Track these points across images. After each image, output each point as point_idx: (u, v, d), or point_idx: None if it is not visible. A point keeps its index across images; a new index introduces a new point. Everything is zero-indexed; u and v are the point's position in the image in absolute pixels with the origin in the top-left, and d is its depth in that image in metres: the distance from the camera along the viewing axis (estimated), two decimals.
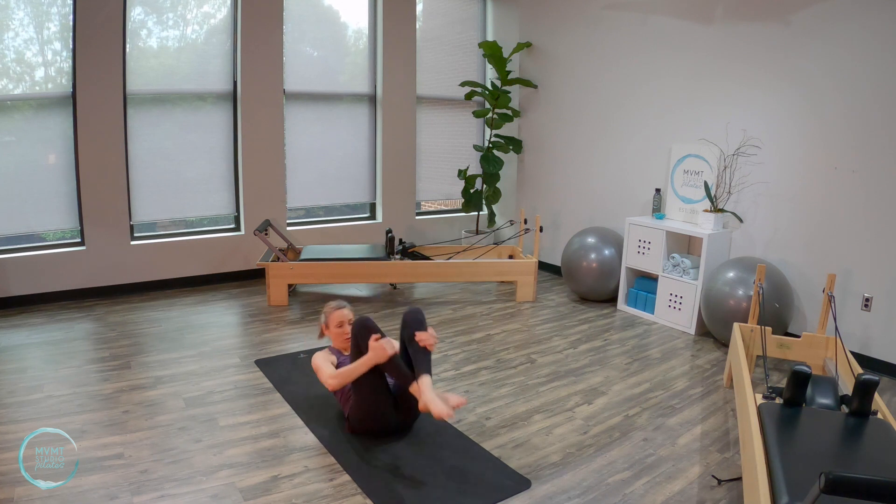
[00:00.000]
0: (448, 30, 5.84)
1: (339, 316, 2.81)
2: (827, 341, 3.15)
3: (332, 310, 2.84)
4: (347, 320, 2.80)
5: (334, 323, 2.80)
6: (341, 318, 2.80)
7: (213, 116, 4.80)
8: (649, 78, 4.67)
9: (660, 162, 4.64)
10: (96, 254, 4.42)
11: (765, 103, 3.96)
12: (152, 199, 4.65)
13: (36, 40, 4.08)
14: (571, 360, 3.60)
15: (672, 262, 4.31)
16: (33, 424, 2.59)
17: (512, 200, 6.09)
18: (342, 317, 2.81)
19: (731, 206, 4.16)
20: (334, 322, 2.80)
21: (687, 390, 3.24)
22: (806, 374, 2.20)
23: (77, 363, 3.30)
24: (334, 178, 5.45)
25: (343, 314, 2.81)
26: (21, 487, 2.15)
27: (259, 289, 4.81)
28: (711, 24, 4.22)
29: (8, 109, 4.07)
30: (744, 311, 3.62)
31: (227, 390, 3.04)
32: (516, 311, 4.52)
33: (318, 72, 5.21)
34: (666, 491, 2.31)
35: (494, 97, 5.45)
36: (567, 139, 5.44)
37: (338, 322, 2.79)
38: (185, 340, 3.69)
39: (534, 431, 2.74)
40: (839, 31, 3.56)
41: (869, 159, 3.50)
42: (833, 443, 2.06)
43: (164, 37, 4.55)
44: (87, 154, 4.26)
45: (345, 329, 2.78)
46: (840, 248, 3.67)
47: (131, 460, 2.37)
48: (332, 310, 2.84)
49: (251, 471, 2.34)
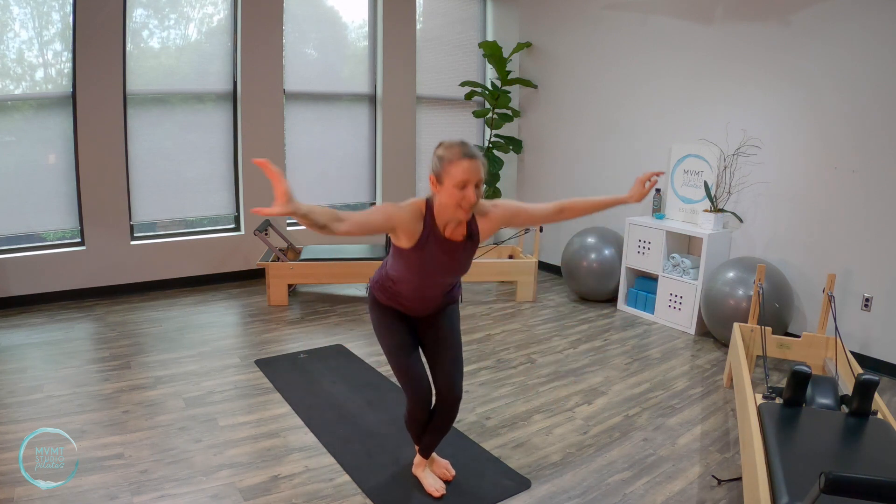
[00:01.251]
0: (448, 30, 5.84)
1: (466, 172, 1.78)
2: (827, 341, 3.15)
3: (457, 157, 1.78)
4: (475, 181, 1.80)
5: (454, 180, 1.78)
6: (467, 178, 1.78)
7: (213, 116, 4.80)
8: (649, 78, 4.67)
9: (660, 162, 4.64)
10: (96, 254, 4.42)
11: (765, 103, 3.96)
12: (152, 199, 4.65)
13: (36, 40, 4.07)
14: (571, 360, 3.60)
15: (672, 262, 4.31)
16: (33, 424, 2.59)
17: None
18: (470, 175, 1.78)
19: (731, 206, 4.15)
20: (454, 178, 1.78)
21: (687, 390, 3.24)
22: (806, 374, 2.20)
23: (77, 363, 3.30)
24: (334, 178, 5.45)
25: (473, 170, 1.79)
26: (21, 487, 2.15)
27: (259, 289, 4.81)
28: (711, 24, 4.22)
29: (8, 109, 4.07)
30: (744, 311, 3.62)
31: (227, 390, 3.04)
32: (516, 311, 4.52)
33: (318, 72, 5.21)
34: (666, 491, 2.31)
35: (494, 97, 5.45)
36: (567, 139, 5.44)
37: (461, 180, 1.78)
38: (185, 340, 3.69)
39: (534, 431, 2.74)
40: (839, 31, 3.56)
41: (869, 159, 3.50)
42: (833, 443, 2.06)
43: (165, 37, 4.55)
44: (87, 154, 4.26)
45: (468, 194, 1.79)
46: (840, 248, 3.67)
47: (131, 460, 2.37)
48: (457, 157, 1.78)
49: (251, 471, 2.34)
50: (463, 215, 1.84)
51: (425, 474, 2.30)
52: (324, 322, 4.12)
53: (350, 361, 3.46)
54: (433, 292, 2.06)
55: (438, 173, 1.82)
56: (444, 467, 2.35)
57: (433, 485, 2.26)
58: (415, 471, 2.34)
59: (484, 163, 1.83)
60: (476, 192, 1.81)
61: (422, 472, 2.31)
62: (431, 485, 2.26)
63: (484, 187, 1.86)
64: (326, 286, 4.94)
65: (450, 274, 2.02)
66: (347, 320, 4.17)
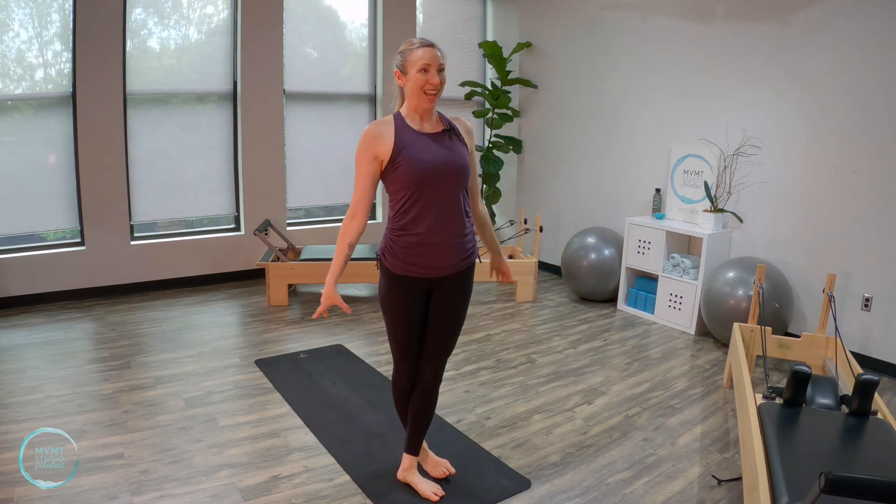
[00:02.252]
0: (448, 30, 5.83)
1: (424, 56, 1.88)
2: (827, 341, 3.15)
3: (415, 47, 1.90)
4: (436, 65, 1.90)
5: (415, 65, 1.88)
6: (426, 60, 1.88)
7: (213, 116, 4.80)
8: (649, 78, 4.67)
9: (660, 162, 4.64)
10: (96, 254, 4.42)
11: (765, 103, 3.96)
12: (152, 199, 4.65)
13: (36, 40, 4.08)
14: (571, 360, 3.60)
15: (672, 262, 4.31)
16: (33, 424, 2.59)
17: (512, 200, 6.08)
18: (428, 57, 1.88)
19: (731, 206, 4.15)
20: (415, 64, 1.88)
21: (687, 390, 3.24)
22: (806, 374, 2.20)
23: (77, 363, 3.30)
24: (334, 178, 5.45)
25: (430, 53, 1.89)
26: (21, 487, 2.15)
27: (259, 289, 4.81)
28: (711, 24, 4.22)
29: (8, 109, 4.07)
30: (744, 311, 3.62)
31: (227, 390, 3.04)
32: (516, 311, 4.52)
33: (318, 72, 5.21)
34: (666, 491, 2.31)
35: (494, 97, 5.45)
36: (567, 139, 5.44)
37: (422, 65, 1.87)
38: (185, 340, 3.69)
39: (534, 431, 2.74)
40: (839, 31, 3.56)
41: (869, 159, 3.50)
42: (833, 443, 2.06)
43: (164, 37, 4.55)
44: (87, 154, 4.26)
45: (431, 77, 1.89)
46: (840, 248, 3.67)
47: (131, 460, 2.37)
48: (415, 47, 1.90)
49: (251, 471, 2.34)
50: (429, 102, 1.92)
51: (417, 479, 2.23)
52: (324, 322, 4.12)
53: (350, 361, 3.46)
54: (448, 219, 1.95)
55: (402, 66, 1.92)
56: (444, 466, 2.33)
57: (429, 489, 2.20)
58: (404, 476, 2.26)
59: (441, 51, 1.93)
60: (440, 75, 1.91)
61: (413, 477, 2.24)
62: (428, 489, 2.20)
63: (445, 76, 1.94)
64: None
65: (448, 169, 1.93)
66: (347, 320, 4.17)
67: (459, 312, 2.12)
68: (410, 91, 1.91)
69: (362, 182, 1.93)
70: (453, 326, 2.12)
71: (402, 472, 2.28)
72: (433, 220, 1.93)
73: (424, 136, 1.95)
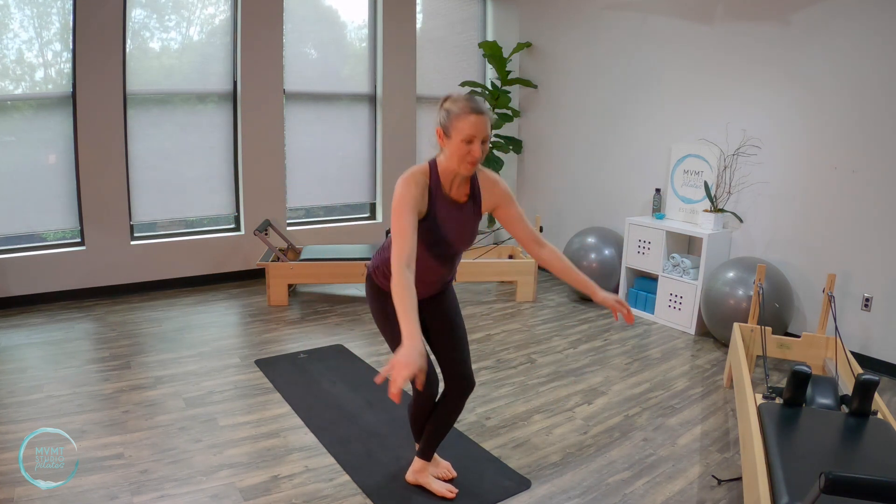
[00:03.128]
0: (448, 30, 5.83)
1: (473, 127, 1.77)
2: (827, 341, 3.15)
3: (465, 111, 1.78)
4: (482, 138, 1.80)
5: (461, 134, 1.78)
6: (474, 133, 1.78)
7: (213, 116, 4.80)
8: (649, 77, 4.67)
9: (660, 162, 4.64)
10: (96, 254, 4.42)
11: (765, 103, 3.96)
12: (152, 199, 4.65)
13: (36, 40, 4.08)
14: (571, 360, 3.60)
15: (672, 262, 4.31)
16: (33, 424, 2.59)
17: None
18: (477, 130, 1.78)
19: (731, 206, 4.15)
20: (461, 132, 1.78)
21: (687, 390, 3.24)
22: (806, 374, 2.20)
23: (77, 363, 3.30)
24: (334, 178, 5.45)
25: (480, 125, 1.78)
26: (21, 487, 2.15)
27: (259, 289, 4.81)
28: (711, 24, 4.22)
29: (8, 109, 4.07)
30: (744, 311, 3.62)
31: (227, 390, 3.04)
32: (516, 311, 4.52)
33: (318, 72, 5.21)
34: (666, 491, 2.31)
35: (494, 97, 5.45)
36: (567, 139, 5.44)
37: (467, 135, 1.78)
38: (185, 340, 3.69)
39: (534, 431, 2.74)
40: (839, 30, 3.56)
41: (869, 159, 3.50)
42: (833, 443, 2.06)
43: (164, 37, 4.55)
44: (87, 154, 4.26)
45: (474, 149, 1.79)
46: (840, 248, 3.67)
47: (131, 460, 2.37)
48: (465, 111, 1.78)
49: (251, 471, 2.34)
50: (467, 170, 1.83)
51: (430, 480, 2.25)
52: (324, 322, 4.12)
53: (350, 361, 3.46)
54: (441, 268, 2.01)
55: (446, 126, 1.81)
56: (446, 468, 2.34)
57: (444, 487, 2.22)
58: (416, 478, 2.26)
59: (492, 118, 1.84)
60: (482, 147, 1.80)
61: (426, 479, 2.25)
62: (443, 487, 2.22)
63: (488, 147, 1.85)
64: (326, 286, 4.94)
65: (459, 241, 1.98)
66: (347, 320, 4.17)
67: (457, 312, 2.15)
68: (450, 155, 1.83)
69: (410, 232, 1.75)
70: (460, 324, 2.14)
71: (413, 473, 2.28)
72: (429, 265, 1.96)
73: (450, 204, 1.92)
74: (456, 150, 1.80)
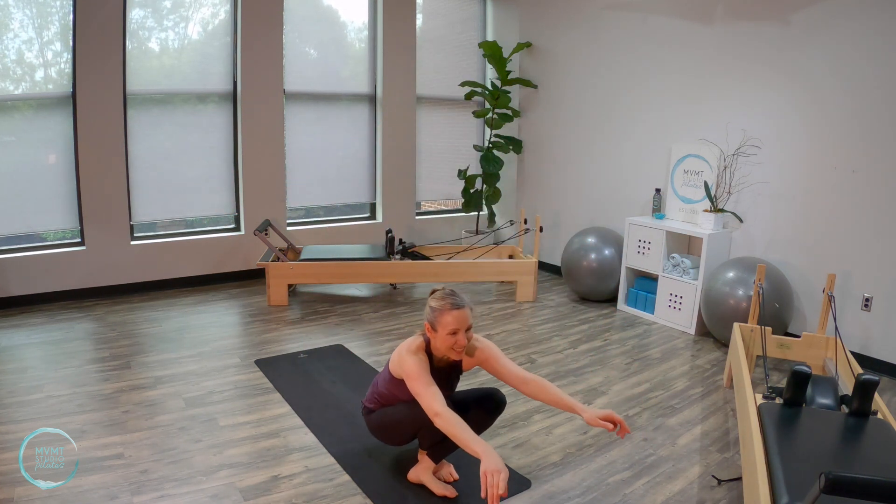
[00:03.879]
0: (448, 30, 5.84)
1: (456, 321, 2.05)
2: (827, 341, 3.15)
3: (446, 308, 2.05)
4: (465, 328, 2.07)
5: (446, 329, 2.05)
6: (457, 326, 2.05)
7: (213, 116, 4.80)
8: (649, 78, 4.67)
9: (660, 162, 4.64)
10: (96, 254, 4.42)
11: (765, 103, 3.96)
12: (152, 199, 4.65)
13: (36, 40, 4.08)
14: (571, 360, 3.60)
15: (672, 262, 4.31)
16: (33, 424, 2.59)
17: (512, 200, 6.08)
18: (460, 323, 2.06)
19: (731, 206, 4.15)
20: (446, 327, 2.05)
21: (687, 390, 3.24)
22: (806, 374, 2.20)
23: (77, 363, 3.30)
24: (334, 178, 5.45)
25: (462, 318, 2.06)
26: (21, 487, 2.15)
27: (259, 289, 4.81)
28: (711, 24, 4.22)
29: (8, 109, 4.07)
30: (744, 311, 3.62)
31: (227, 390, 3.04)
32: (516, 311, 4.52)
33: (318, 72, 5.21)
34: (666, 491, 2.31)
35: (494, 97, 5.45)
36: (567, 139, 5.44)
37: (452, 329, 2.05)
38: (185, 340, 3.69)
39: (534, 431, 2.74)
40: (839, 30, 3.56)
41: (869, 159, 3.50)
42: (833, 443, 2.06)
43: (164, 37, 4.55)
44: (87, 154, 4.26)
45: (459, 339, 2.06)
46: (840, 248, 3.67)
47: (131, 460, 2.37)
48: (446, 308, 2.05)
49: (251, 471, 2.34)
50: (455, 356, 2.12)
51: (432, 479, 2.25)
52: (324, 322, 4.12)
53: (350, 361, 3.46)
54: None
55: (432, 322, 2.09)
56: (448, 472, 2.33)
57: (444, 488, 2.22)
58: (419, 476, 2.27)
59: (471, 308, 2.12)
60: (466, 335, 2.09)
61: (428, 477, 2.25)
62: (443, 488, 2.22)
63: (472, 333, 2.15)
64: (326, 286, 4.94)
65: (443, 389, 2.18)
66: (347, 320, 4.17)
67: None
68: (439, 345, 2.11)
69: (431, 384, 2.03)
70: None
71: (417, 471, 2.28)
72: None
73: (437, 371, 2.18)
74: (443, 341, 2.08)
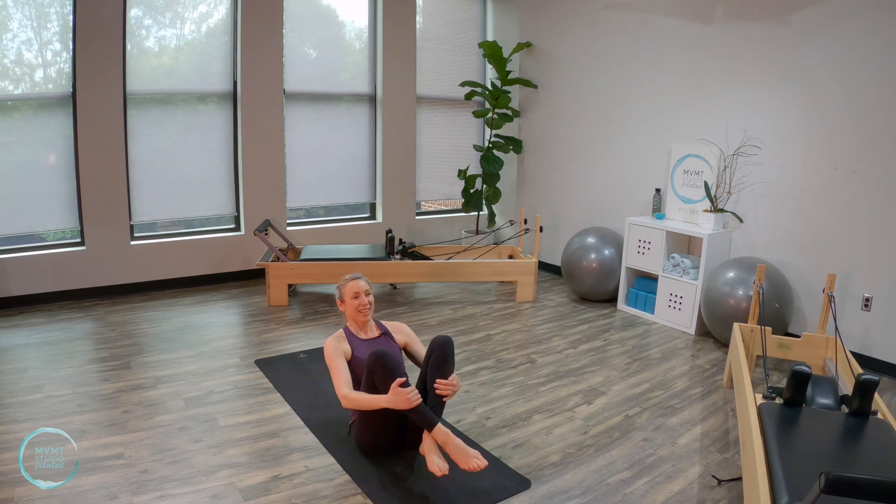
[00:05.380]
0: (448, 30, 5.84)
1: (354, 287, 2.63)
2: (827, 341, 3.15)
3: (346, 281, 2.67)
4: (363, 291, 2.63)
5: (349, 294, 2.62)
6: (356, 289, 2.62)
7: (213, 116, 4.80)
8: (649, 78, 4.67)
9: (660, 162, 4.64)
10: (96, 254, 4.42)
11: (765, 103, 3.96)
12: (152, 199, 4.65)
13: (36, 40, 4.08)
14: (571, 360, 3.60)
15: (672, 262, 4.31)
16: (33, 424, 2.59)
17: (512, 200, 6.09)
18: (357, 287, 2.63)
19: (731, 206, 4.16)
20: (349, 293, 2.62)
21: (687, 390, 3.24)
22: (806, 374, 2.20)
23: (77, 363, 3.30)
24: (334, 178, 5.45)
25: (358, 285, 2.64)
26: (21, 487, 2.15)
27: (259, 289, 4.81)
28: (711, 24, 4.22)
29: (8, 109, 4.07)
30: (744, 311, 3.62)
31: (227, 390, 3.04)
32: (516, 311, 4.52)
33: (318, 72, 5.21)
34: (666, 491, 2.31)
35: (494, 97, 5.45)
36: (567, 139, 5.44)
37: (353, 293, 2.62)
38: (185, 340, 3.69)
39: (534, 431, 2.74)
40: (839, 31, 3.56)
41: (869, 159, 3.50)
42: (833, 443, 2.06)
43: (164, 37, 4.55)
44: (87, 154, 4.26)
45: (361, 300, 2.61)
46: (840, 248, 3.67)
47: (131, 460, 2.37)
48: (346, 281, 2.67)
49: (251, 471, 2.34)
50: (363, 317, 2.61)
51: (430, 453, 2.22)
52: (324, 322, 4.12)
53: None
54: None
55: (341, 296, 2.65)
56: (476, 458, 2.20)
57: (437, 463, 2.18)
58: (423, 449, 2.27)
59: (367, 280, 2.67)
60: (367, 297, 2.62)
61: (427, 451, 2.23)
62: (435, 462, 2.18)
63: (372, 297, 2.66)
64: (326, 286, 4.94)
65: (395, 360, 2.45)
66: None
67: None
68: (350, 313, 2.63)
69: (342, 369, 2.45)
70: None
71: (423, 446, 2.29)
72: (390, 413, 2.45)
73: (368, 341, 2.62)
74: (350, 306, 2.61)
